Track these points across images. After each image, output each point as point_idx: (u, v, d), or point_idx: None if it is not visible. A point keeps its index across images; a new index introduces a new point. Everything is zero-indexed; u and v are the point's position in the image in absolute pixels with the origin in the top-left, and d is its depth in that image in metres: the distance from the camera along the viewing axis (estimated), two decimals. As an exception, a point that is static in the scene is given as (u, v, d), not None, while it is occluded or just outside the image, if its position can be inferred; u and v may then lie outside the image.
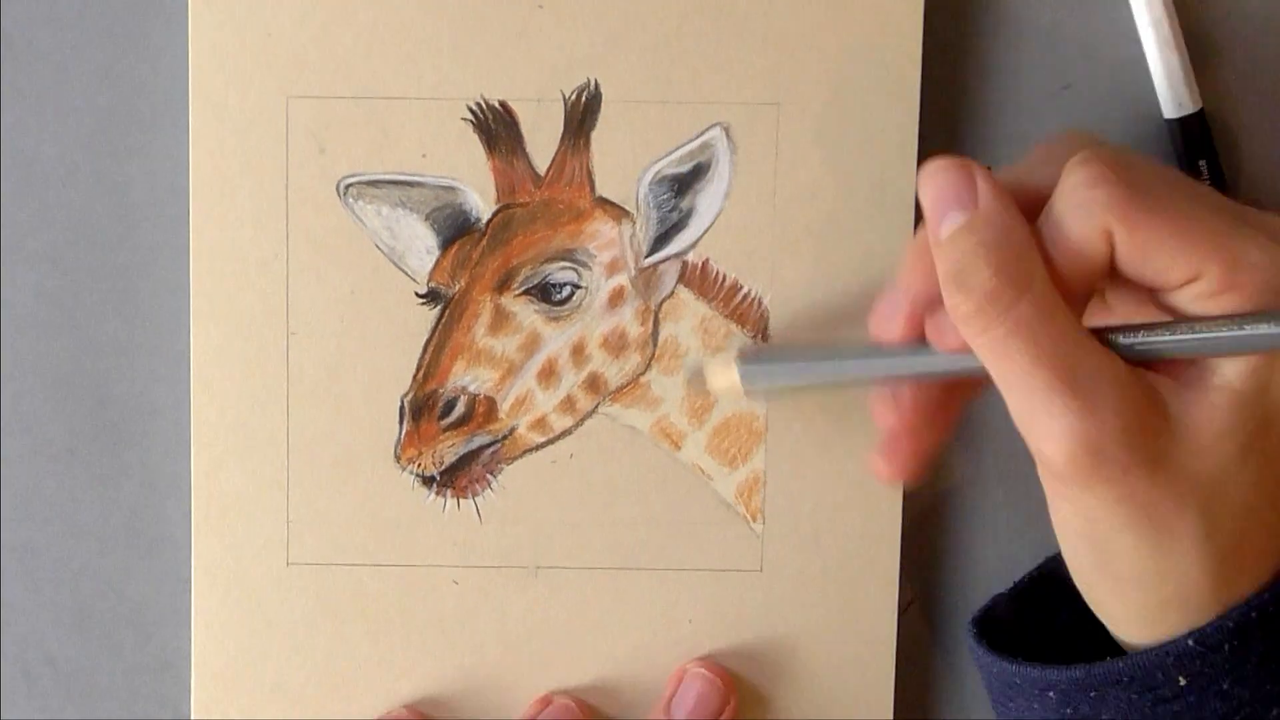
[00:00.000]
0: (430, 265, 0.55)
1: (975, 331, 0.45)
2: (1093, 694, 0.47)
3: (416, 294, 0.55)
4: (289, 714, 0.56)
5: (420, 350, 0.55)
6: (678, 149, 0.55)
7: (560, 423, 0.55)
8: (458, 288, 0.55)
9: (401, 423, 0.55)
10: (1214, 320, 0.44)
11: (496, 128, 0.54)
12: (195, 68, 0.54)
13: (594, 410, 0.55)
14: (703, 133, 0.55)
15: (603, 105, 0.54)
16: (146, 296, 0.56)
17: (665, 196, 0.55)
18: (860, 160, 0.55)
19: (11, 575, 0.57)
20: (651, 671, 0.56)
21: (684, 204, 0.55)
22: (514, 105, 0.54)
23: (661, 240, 0.55)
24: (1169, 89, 0.55)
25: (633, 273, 0.55)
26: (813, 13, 0.54)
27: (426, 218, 0.55)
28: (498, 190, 0.55)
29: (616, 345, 0.55)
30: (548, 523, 0.56)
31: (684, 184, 0.55)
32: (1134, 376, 0.45)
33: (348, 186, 0.55)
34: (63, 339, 0.56)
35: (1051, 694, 0.48)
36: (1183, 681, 0.46)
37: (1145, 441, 0.44)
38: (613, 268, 0.55)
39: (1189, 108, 0.55)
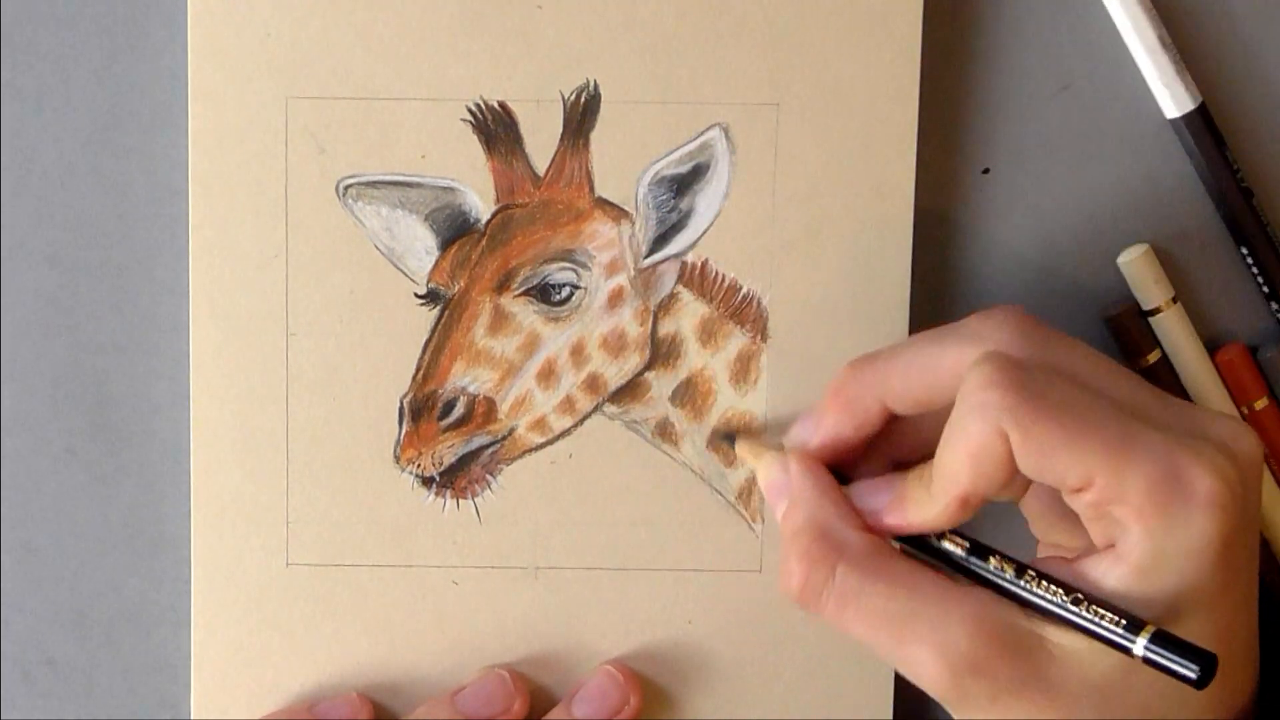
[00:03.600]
0: (429, 266, 0.55)
1: (811, 611, 0.48)
2: None
3: (416, 295, 0.55)
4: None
5: (419, 351, 0.55)
6: (677, 149, 0.55)
7: (560, 423, 0.55)
8: (457, 288, 0.55)
9: (401, 423, 0.55)
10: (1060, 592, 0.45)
11: (496, 128, 0.54)
12: (195, 68, 0.54)
13: (593, 410, 0.55)
14: (702, 133, 0.54)
15: (602, 106, 0.54)
16: (146, 296, 0.56)
17: (664, 197, 0.55)
18: (860, 160, 0.55)
19: (11, 575, 0.57)
20: (652, 672, 0.56)
21: (683, 204, 0.55)
22: (513, 106, 0.54)
23: (661, 241, 0.55)
24: (1164, 89, 0.55)
25: (632, 273, 0.55)
26: (813, 13, 0.54)
27: (426, 218, 0.55)
28: (497, 191, 0.55)
29: (616, 345, 0.55)
30: (547, 523, 0.56)
31: (683, 184, 0.55)
32: (993, 603, 0.46)
33: (347, 187, 0.55)
34: (63, 339, 0.56)
35: None
36: None
37: (1010, 667, 0.45)
38: (612, 268, 0.55)
39: (1188, 104, 0.55)
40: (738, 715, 0.56)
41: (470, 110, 0.54)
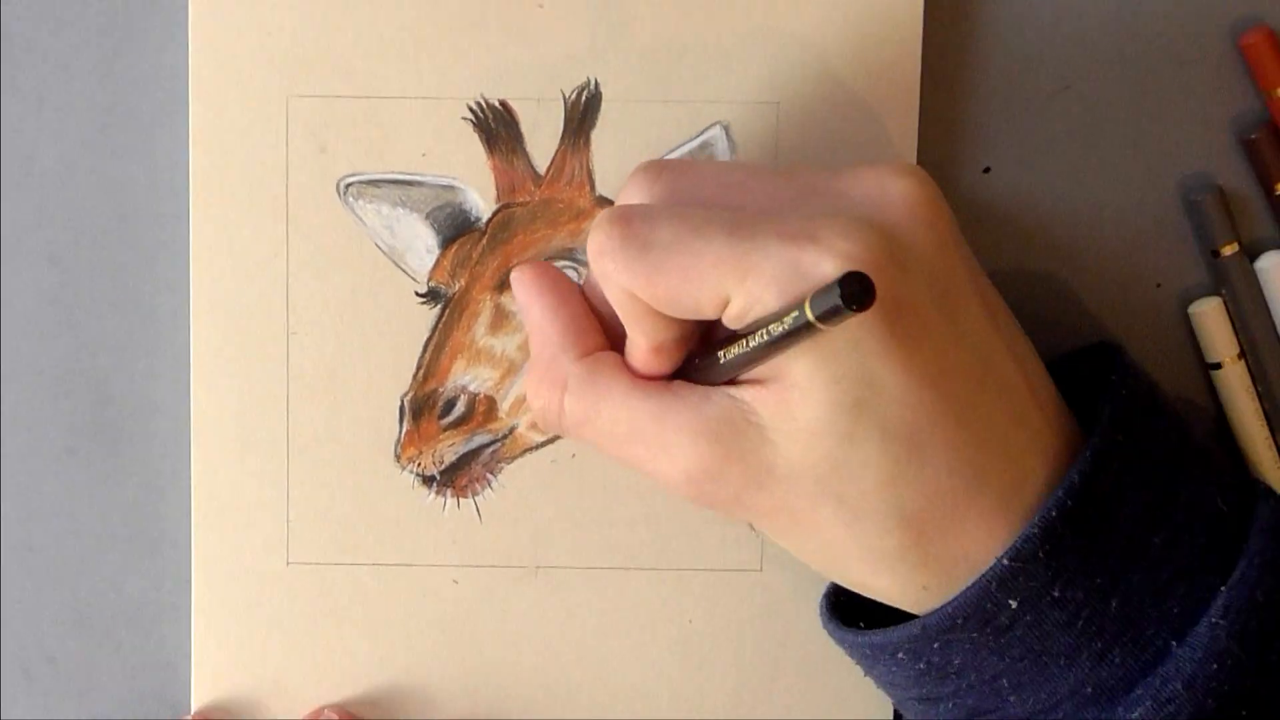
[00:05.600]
0: (430, 264, 0.55)
1: (565, 436, 0.51)
2: (936, 645, 0.47)
3: (416, 293, 0.55)
4: (289, 714, 0.56)
5: (420, 349, 0.55)
6: (678, 148, 0.55)
7: (560, 422, 0.55)
8: (458, 287, 0.55)
9: (401, 422, 0.55)
10: (745, 332, 0.45)
11: (496, 127, 0.54)
12: (195, 67, 0.54)
13: (594, 410, 0.55)
14: (702, 132, 0.54)
15: (603, 104, 0.54)
16: (146, 296, 0.56)
17: (665, 196, 0.55)
18: (860, 160, 0.55)
19: (11, 575, 0.57)
20: (652, 672, 0.56)
21: (684, 203, 0.55)
22: (514, 104, 0.54)
23: (661, 240, 0.55)
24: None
25: (633, 272, 0.55)
26: (813, 13, 0.54)
27: (426, 217, 0.55)
28: (498, 189, 0.55)
29: (616, 344, 0.55)
30: (548, 522, 0.56)
31: (684, 183, 0.55)
32: (711, 406, 0.46)
33: (348, 186, 0.55)
34: (63, 339, 0.56)
35: (901, 654, 0.49)
36: (1013, 604, 0.46)
37: (740, 467, 0.46)
38: (613, 267, 0.55)
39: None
40: (738, 715, 0.56)
41: (471, 109, 0.54)
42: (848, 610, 0.52)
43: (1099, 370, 0.51)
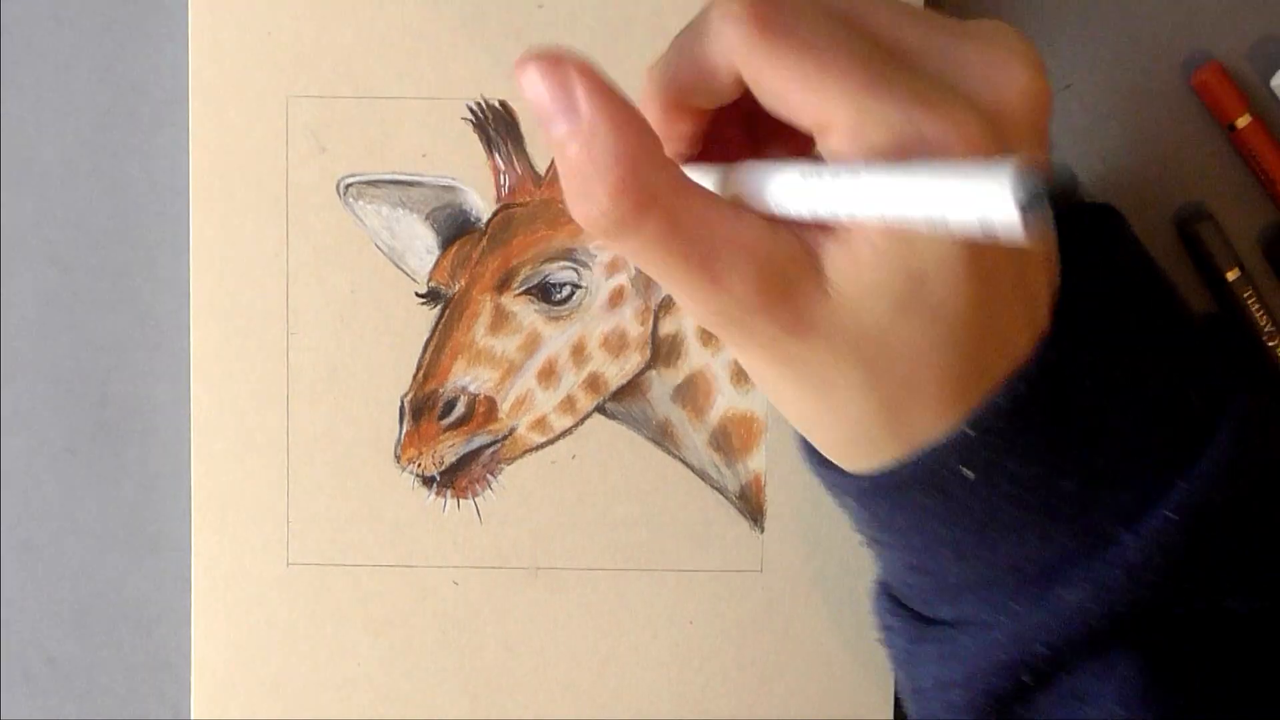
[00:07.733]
0: (430, 265, 0.55)
1: (608, 243, 0.43)
2: (885, 501, 0.46)
3: (416, 294, 0.55)
4: (289, 714, 0.56)
5: (420, 350, 0.55)
6: (678, 149, 0.54)
7: (560, 423, 0.55)
8: (458, 287, 0.55)
9: (401, 423, 0.55)
10: (833, 172, 0.42)
11: (496, 127, 0.54)
12: (195, 67, 0.54)
13: (594, 410, 0.56)
14: (703, 132, 0.54)
15: (603, 105, 0.54)
16: (146, 296, 0.56)
17: (665, 196, 0.55)
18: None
19: (11, 575, 0.57)
20: (652, 672, 0.56)
21: (684, 204, 0.55)
22: (514, 105, 0.54)
23: (662, 240, 0.55)
24: None
25: (633, 272, 0.55)
26: (813, 12, 0.54)
27: (426, 217, 0.55)
28: (498, 190, 0.55)
29: (616, 345, 0.55)
30: (548, 523, 0.56)
31: (684, 184, 0.55)
32: (775, 241, 0.43)
33: (348, 186, 0.55)
34: (63, 339, 0.56)
35: (852, 501, 0.48)
36: (968, 473, 0.45)
37: (789, 307, 0.43)
38: (613, 267, 0.55)
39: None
40: (738, 715, 0.56)
41: (471, 109, 0.54)
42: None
43: (1097, 233, 0.49)
